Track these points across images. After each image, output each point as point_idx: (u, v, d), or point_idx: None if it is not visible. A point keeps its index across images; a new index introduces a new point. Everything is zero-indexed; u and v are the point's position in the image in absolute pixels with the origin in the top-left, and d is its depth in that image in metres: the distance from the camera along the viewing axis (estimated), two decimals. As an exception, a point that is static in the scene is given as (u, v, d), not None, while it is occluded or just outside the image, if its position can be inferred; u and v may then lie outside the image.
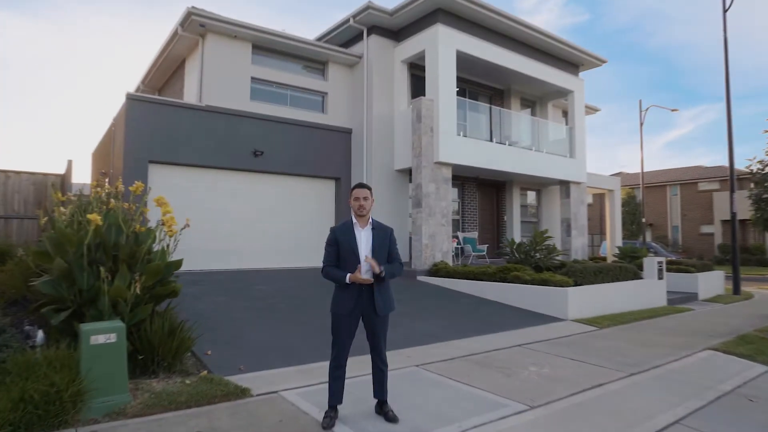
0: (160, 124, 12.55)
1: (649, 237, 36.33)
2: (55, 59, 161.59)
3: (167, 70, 16.86)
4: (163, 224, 5.91)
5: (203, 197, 13.25)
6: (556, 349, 7.59)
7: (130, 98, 12.28)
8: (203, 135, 13.14)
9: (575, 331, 9.11)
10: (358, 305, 4.40)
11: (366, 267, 4.39)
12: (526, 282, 10.94)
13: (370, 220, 4.58)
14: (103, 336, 4.46)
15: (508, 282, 11.28)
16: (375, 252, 4.44)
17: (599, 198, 33.93)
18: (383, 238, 4.56)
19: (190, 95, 14.65)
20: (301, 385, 5.36)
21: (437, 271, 13.09)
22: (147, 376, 5.29)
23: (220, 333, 7.23)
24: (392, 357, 6.61)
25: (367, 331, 4.51)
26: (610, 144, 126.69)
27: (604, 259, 20.25)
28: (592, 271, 11.19)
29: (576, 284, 10.68)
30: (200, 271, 12.44)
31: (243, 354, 6.44)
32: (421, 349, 7.26)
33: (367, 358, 4.66)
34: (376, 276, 4.36)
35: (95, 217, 5.29)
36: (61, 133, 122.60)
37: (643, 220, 24.85)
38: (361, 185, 4.60)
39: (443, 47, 14.43)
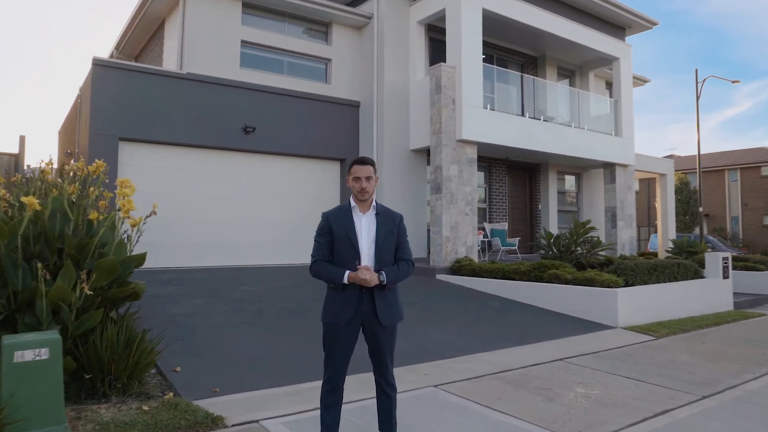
0: (132, 95, 12.05)
1: (704, 230, 35.39)
2: (31, 28, 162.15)
3: (144, 34, 16.30)
4: (119, 210, 5.36)
5: (184, 181, 12.75)
6: (606, 365, 6.97)
7: (97, 64, 11.77)
8: (184, 108, 12.62)
9: (627, 341, 8.47)
10: (358, 313, 3.81)
11: (368, 264, 3.81)
12: (566, 282, 10.31)
13: (374, 204, 3.98)
14: (32, 351, 3.91)
15: (545, 282, 10.65)
16: (379, 245, 3.85)
17: (646, 185, 33.13)
18: (390, 226, 3.95)
19: (169, 62, 14.12)
20: (290, 412, 4.80)
21: (460, 268, 12.49)
22: (95, 400, 4.75)
23: (194, 344, 6.68)
24: (404, 375, 6.05)
25: (369, 345, 3.93)
26: (654, 124, 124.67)
27: (654, 254, 19.55)
28: (646, 269, 10.52)
29: (626, 284, 10.03)
30: (179, 269, 11.98)
31: (220, 370, 5.88)
32: (441, 365, 6.67)
33: (370, 377, 4.07)
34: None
35: (31, 201, 4.74)
36: (33, 109, 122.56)
37: (700, 209, 23.96)
38: (362, 161, 3.98)
39: (467, 5, 13.75)
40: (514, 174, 17.90)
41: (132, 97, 12.04)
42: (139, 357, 5.02)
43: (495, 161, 17.06)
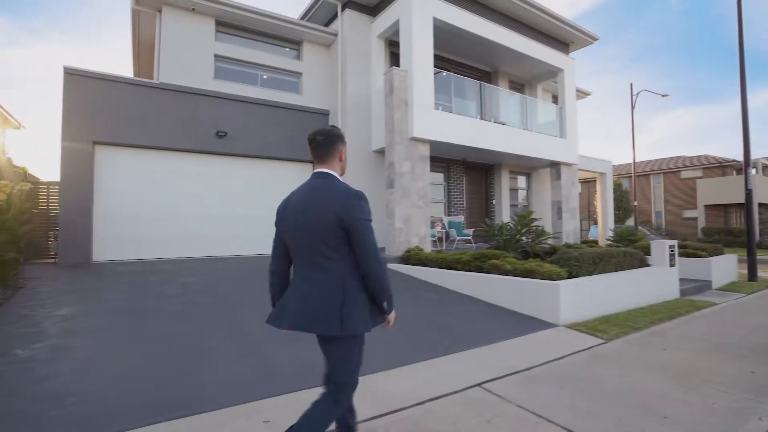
0: (107, 101, 8.96)
1: (633, 221, 31.15)
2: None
3: (149, 54, 13.15)
4: None
5: (158, 180, 9.53)
6: (538, 398, 3.53)
7: (69, 73, 8.62)
8: (159, 114, 9.46)
9: (570, 347, 4.98)
10: None
11: None
12: (506, 272, 6.85)
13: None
14: None
15: (485, 272, 7.21)
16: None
17: (586, 187, 29.24)
18: None
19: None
20: None
21: (409, 258, 9.06)
22: None
23: (27, 381, 3.39)
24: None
25: None
26: (599, 137, 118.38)
27: (595, 242, 15.83)
28: (591, 258, 6.98)
29: (570, 276, 6.54)
30: (145, 260, 8.86)
31: None
32: (294, 399, 3.29)
33: None
34: None
35: None
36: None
37: (635, 203, 20.09)
38: None
39: (418, 13, 10.33)
40: (471, 174, 14.35)
41: (106, 104, 8.91)
42: None
43: (453, 162, 13.58)
